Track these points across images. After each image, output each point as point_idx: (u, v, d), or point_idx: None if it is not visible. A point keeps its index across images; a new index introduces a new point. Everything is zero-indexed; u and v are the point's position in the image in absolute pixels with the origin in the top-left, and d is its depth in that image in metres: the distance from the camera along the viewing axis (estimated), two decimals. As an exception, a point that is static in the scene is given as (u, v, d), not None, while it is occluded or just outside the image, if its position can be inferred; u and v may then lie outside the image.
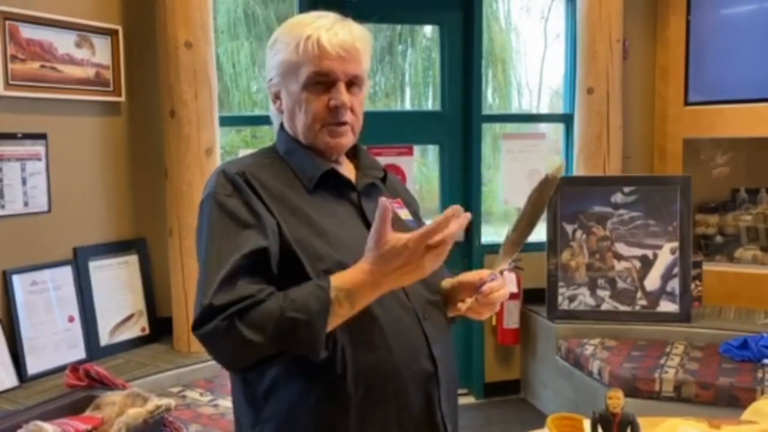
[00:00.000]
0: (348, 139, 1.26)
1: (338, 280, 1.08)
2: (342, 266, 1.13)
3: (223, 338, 1.06)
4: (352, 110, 1.24)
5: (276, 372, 1.14)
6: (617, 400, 1.29)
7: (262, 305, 1.06)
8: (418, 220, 1.38)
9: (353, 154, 1.35)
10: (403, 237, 1.06)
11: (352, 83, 1.24)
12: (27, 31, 2.47)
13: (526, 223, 1.24)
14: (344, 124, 1.24)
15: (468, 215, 1.08)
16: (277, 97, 1.28)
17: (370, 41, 1.27)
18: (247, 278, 1.09)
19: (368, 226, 1.23)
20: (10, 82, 2.42)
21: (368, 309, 1.14)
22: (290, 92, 1.24)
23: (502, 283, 1.25)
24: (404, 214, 1.35)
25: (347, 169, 1.31)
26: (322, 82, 1.21)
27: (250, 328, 1.05)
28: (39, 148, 2.56)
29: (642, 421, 1.33)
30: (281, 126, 1.31)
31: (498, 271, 1.24)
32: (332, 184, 1.25)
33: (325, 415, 1.14)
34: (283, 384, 1.14)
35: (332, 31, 1.21)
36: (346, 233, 1.20)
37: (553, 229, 3.32)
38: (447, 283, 1.34)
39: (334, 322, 1.08)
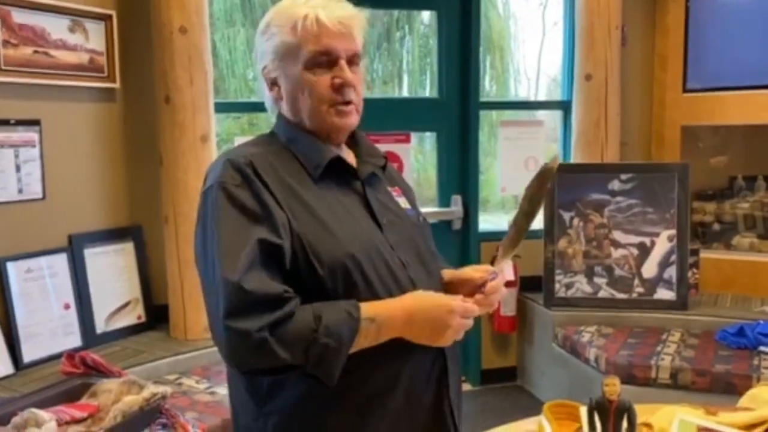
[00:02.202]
0: (354, 119, 1.24)
1: (372, 310, 1.10)
2: (351, 258, 1.13)
3: (254, 347, 1.04)
4: (354, 89, 1.22)
5: None
6: (614, 387, 1.29)
7: (293, 321, 1.05)
8: (415, 210, 1.37)
9: (352, 141, 1.33)
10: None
11: (352, 61, 1.21)
12: (19, 16, 2.44)
13: (524, 218, 1.24)
14: (349, 103, 1.21)
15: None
16: (274, 83, 1.24)
17: (364, 17, 1.25)
18: (265, 272, 1.06)
19: (373, 215, 1.22)
20: (3, 67, 2.39)
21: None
22: (290, 75, 1.20)
23: (501, 281, 1.25)
24: (403, 202, 1.34)
25: (348, 157, 1.28)
26: (323, 61, 1.18)
27: (281, 344, 1.04)
28: (33, 134, 2.53)
29: (638, 409, 1.33)
30: (279, 113, 1.27)
31: (499, 268, 1.24)
32: (337, 172, 1.22)
33: (335, 409, 1.13)
34: (292, 378, 1.11)
35: (328, 8, 1.19)
36: (353, 224, 1.18)
37: (550, 217, 3.31)
38: (446, 275, 1.33)
39: (352, 349, 1.09)
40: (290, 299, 1.07)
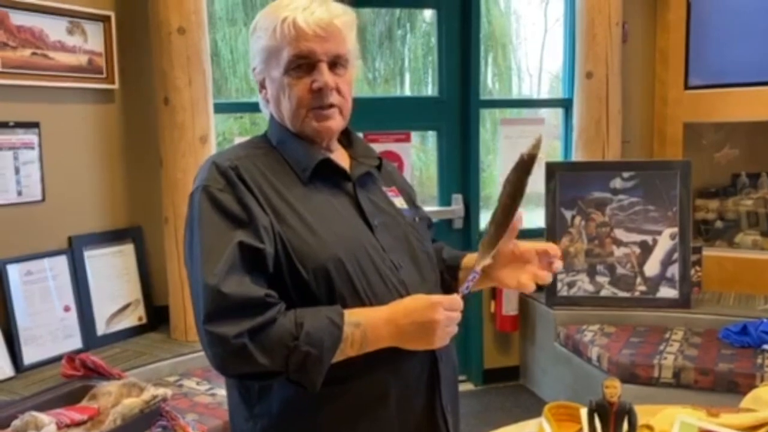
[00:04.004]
0: (336, 123, 1.22)
1: (354, 316, 1.09)
2: (336, 260, 1.12)
3: (233, 352, 1.04)
4: (339, 92, 1.20)
5: None
6: (614, 389, 1.28)
7: (274, 327, 1.04)
8: (414, 208, 1.36)
9: (347, 142, 1.32)
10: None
11: (336, 63, 1.19)
12: (17, 18, 2.44)
13: (503, 214, 1.21)
14: (330, 106, 1.19)
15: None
16: (262, 85, 1.24)
17: (353, 18, 1.23)
18: (247, 276, 1.06)
19: (364, 217, 1.21)
20: (1, 70, 2.38)
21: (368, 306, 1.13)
22: (273, 79, 1.20)
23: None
24: (399, 202, 1.32)
25: (341, 158, 1.27)
26: (302, 64, 1.17)
27: (260, 351, 1.03)
28: (32, 136, 2.53)
29: (639, 410, 1.32)
30: (272, 115, 1.27)
31: (480, 268, 1.22)
32: (327, 174, 1.21)
33: (324, 416, 1.13)
34: (280, 380, 1.10)
35: (308, 10, 1.16)
36: (341, 226, 1.17)
37: (552, 215, 3.30)
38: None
39: (336, 358, 1.08)
40: (273, 304, 1.06)
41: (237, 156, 1.18)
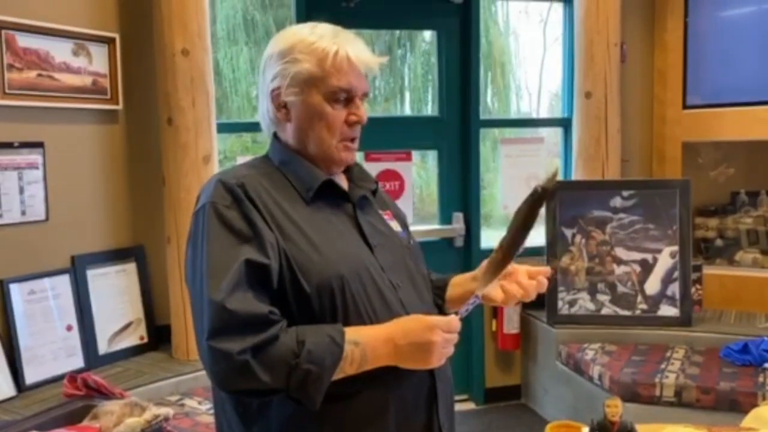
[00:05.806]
0: (355, 156, 1.29)
1: (354, 334, 1.11)
2: (339, 278, 1.14)
3: (236, 369, 1.05)
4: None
5: None
6: (615, 409, 1.29)
7: (277, 344, 1.06)
8: (407, 232, 1.39)
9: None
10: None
11: (362, 99, 1.26)
12: (23, 40, 2.47)
13: (511, 243, 1.22)
14: (355, 139, 1.26)
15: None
16: (283, 106, 1.25)
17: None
18: (251, 293, 1.08)
19: (363, 237, 1.24)
20: (7, 91, 2.41)
21: (366, 324, 1.15)
22: (307, 103, 1.22)
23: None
24: (395, 225, 1.36)
25: (341, 181, 1.31)
26: (342, 98, 1.23)
27: (262, 368, 1.05)
28: (36, 156, 2.55)
29: (641, 429, 1.32)
30: (275, 135, 1.30)
31: (481, 293, 1.23)
32: (329, 194, 1.25)
33: (323, 430, 1.13)
34: (280, 398, 1.12)
35: (355, 47, 1.23)
36: (343, 245, 1.20)
37: (553, 234, 3.31)
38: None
39: (335, 376, 1.09)
40: (276, 321, 1.08)
41: (243, 174, 1.20)
